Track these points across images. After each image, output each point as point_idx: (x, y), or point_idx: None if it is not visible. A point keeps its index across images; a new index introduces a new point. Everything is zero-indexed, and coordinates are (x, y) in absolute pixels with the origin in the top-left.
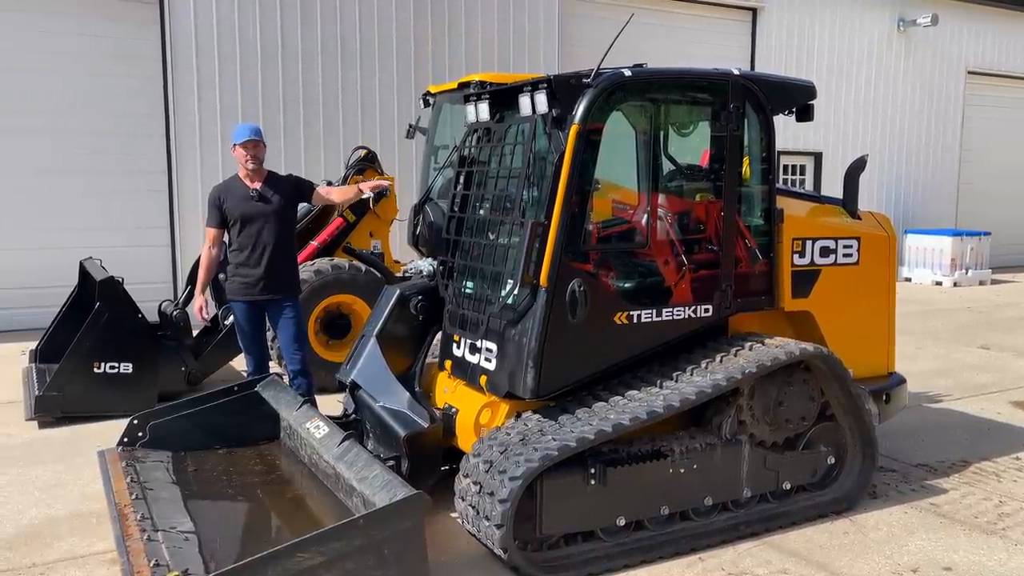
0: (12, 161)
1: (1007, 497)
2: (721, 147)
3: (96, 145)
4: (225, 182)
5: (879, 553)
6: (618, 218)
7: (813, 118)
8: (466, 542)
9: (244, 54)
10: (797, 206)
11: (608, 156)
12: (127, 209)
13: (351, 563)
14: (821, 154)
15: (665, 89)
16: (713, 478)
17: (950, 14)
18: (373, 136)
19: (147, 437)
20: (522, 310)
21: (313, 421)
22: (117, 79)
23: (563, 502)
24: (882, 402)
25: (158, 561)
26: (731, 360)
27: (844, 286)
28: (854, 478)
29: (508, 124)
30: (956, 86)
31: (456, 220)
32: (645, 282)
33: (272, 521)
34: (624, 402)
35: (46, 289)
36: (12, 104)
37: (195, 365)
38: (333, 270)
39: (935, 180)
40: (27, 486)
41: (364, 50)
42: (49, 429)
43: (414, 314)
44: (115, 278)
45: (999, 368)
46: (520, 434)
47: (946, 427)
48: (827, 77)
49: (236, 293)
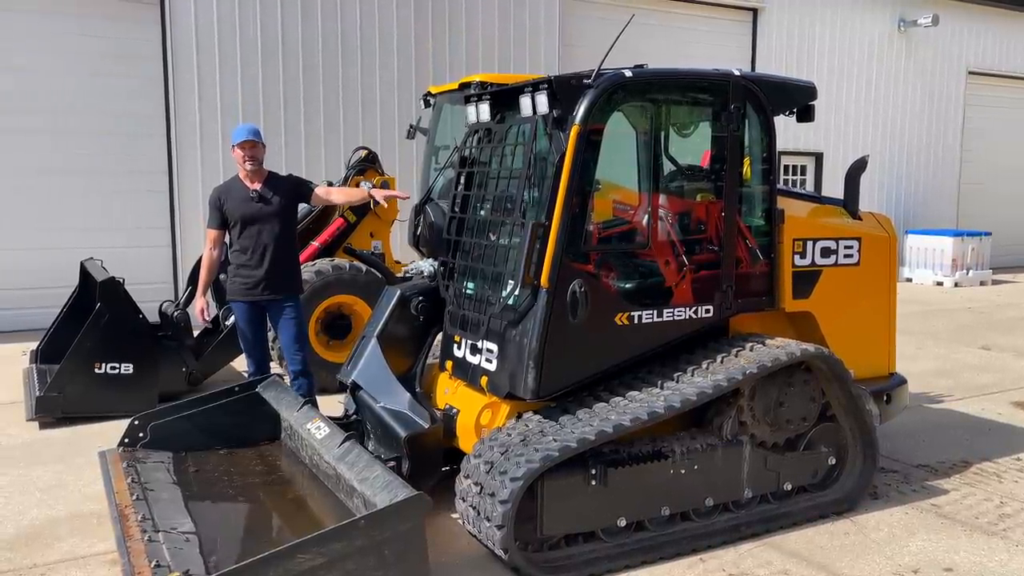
0: (13, 161)
1: (1008, 498)
2: (722, 147)
3: (97, 145)
4: (225, 183)
5: (880, 554)
6: (619, 219)
7: (814, 119)
8: (467, 543)
9: (245, 54)
10: (798, 207)
11: (609, 157)
12: (128, 209)
13: (352, 564)
14: (822, 154)
15: (666, 90)
16: (714, 479)
17: (951, 14)
18: (373, 136)
19: (148, 438)
20: (523, 311)
21: (314, 422)
22: (118, 79)
23: (564, 503)
24: (883, 403)
25: (159, 562)
26: (732, 361)
27: (845, 287)
28: (855, 479)
29: (509, 125)
30: (957, 86)
31: (457, 221)
32: (646, 283)
33: (273, 522)
34: (625, 403)
35: (47, 289)
36: (13, 104)
37: (196, 366)
38: (334, 270)
39: (936, 180)
40: (28, 487)
41: (365, 48)
42: (50, 430)
43: (415, 315)
44: (116, 279)
45: (1000, 368)
46: (521, 435)
47: (947, 428)
48: (828, 77)
49: (237, 294)
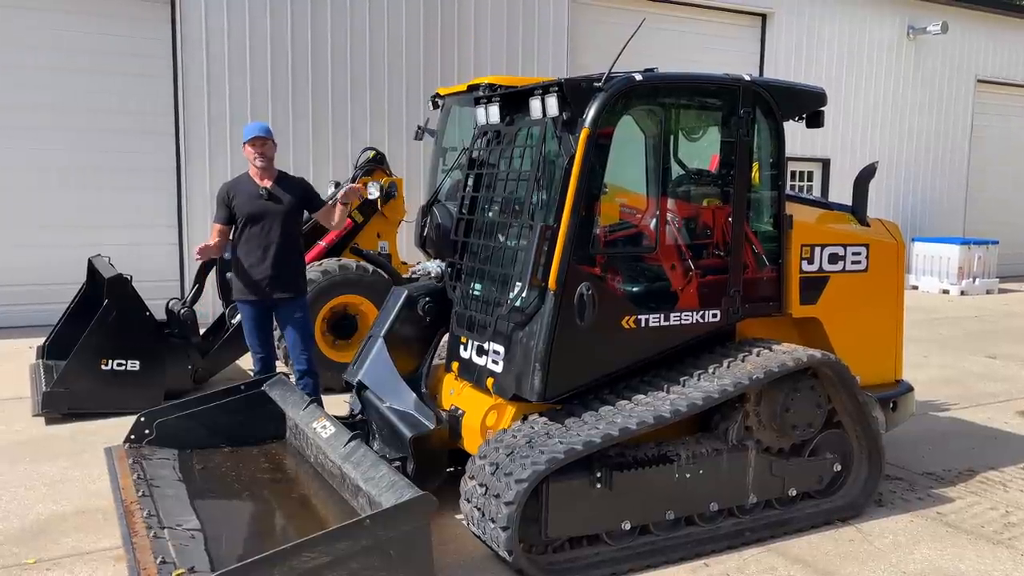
0: (22, 158)
1: (1013, 507)
2: (731, 152)
3: (105, 142)
4: (235, 179)
5: (884, 561)
6: (627, 222)
7: (823, 124)
8: (471, 544)
9: (254, 52)
10: (806, 212)
11: (618, 160)
12: (136, 207)
13: (356, 563)
14: (829, 160)
15: (676, 94)
16: (719, 484)
17: (960, 22)
18: (381, 136)
19: (154, 435)
20: (530, 313)
21: (319, 421)
22: (127, 77)
23: (569, 505)
24: (889, 410)
25: (164, 558)
26: (739, 366)
27: (852, 293)
28: (860, 486)
29: (518, 127)
30: (965, 94)
31: (465, 222)
32: (653, 287)
33: (278, 520)
34: (631, 406)
35: (54, 286)
36: (21, 101)
37: (202, 363)
38: (340, 270)
39: (943, 188)
40: (34, 482)
41: (374, 48)
42: (56, 425)
43: (421, 315)
44: (123, 276)
45: (1006, 377)
46: (526, 437)
47: (953, 436)
48: (836, 84)
49: (243, 292)
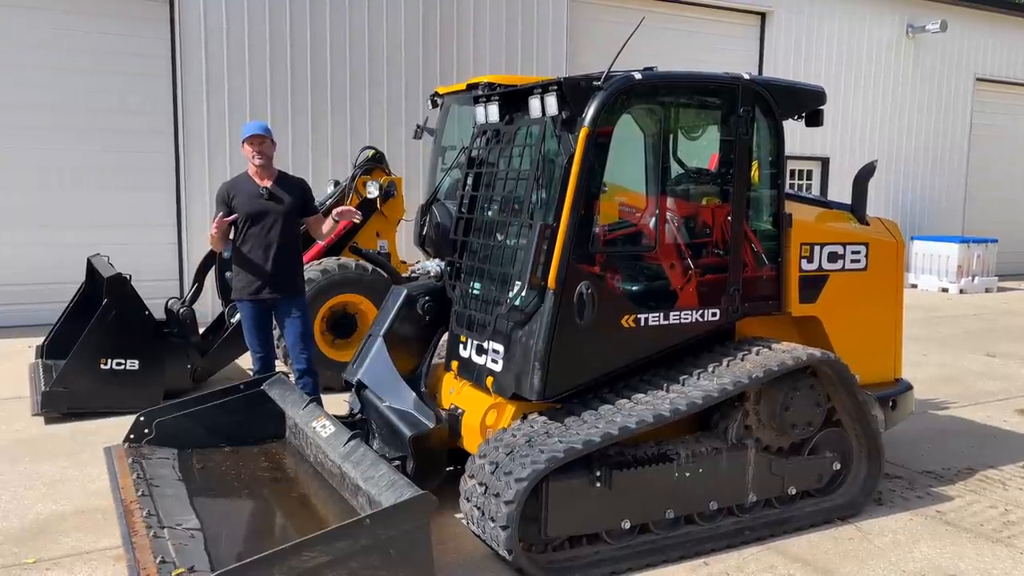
0: (21, 157)
1: (1013, 505)
2: (730, 151)
3: (104, 142)
4: (234, 179)
5: (884, 560)
6: (626, 221)
7: (823, 123)
8: (471, 543)
9: (253, 51)
10: (805, 211)
11: (617, 159)
12: (135, 206)
13: (356, 563)
14: (828, 159)
15: (675, 93)
16: (719, 483)
17: (959, 21)
18: (381, 135)
19: (153, 434)
20: (529, 312)
21: (319, 420)
22: (126, 76)
23: (568, 504)
24: (888, 408)
25: (164, 558)
26: (738, 365)
27: (852, 292)
28: (860, 484)
29: (517, 126)
30: (965, 93)
31: (464, 221)
32: (653, 285)
33: (277, 520)
34: (630, 405)
35: (53, 285)
36: (20, 100)
37: (201, 363)
38: (340, 269)
39: (943, 186)
40: (33, 481)
41: (373, 47)
42: (55, 425)
43: (421, 314)
44: (123, 275)
45: (1005, 376)
46: (526, 436)
47: (952, 434)
48: (835, 82)
49: (242, 292)
